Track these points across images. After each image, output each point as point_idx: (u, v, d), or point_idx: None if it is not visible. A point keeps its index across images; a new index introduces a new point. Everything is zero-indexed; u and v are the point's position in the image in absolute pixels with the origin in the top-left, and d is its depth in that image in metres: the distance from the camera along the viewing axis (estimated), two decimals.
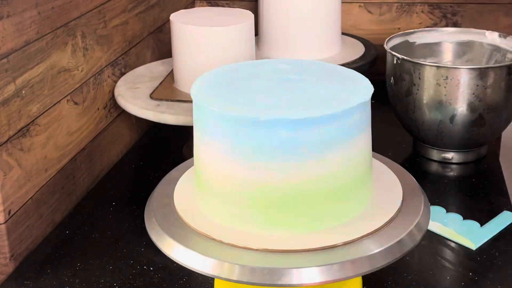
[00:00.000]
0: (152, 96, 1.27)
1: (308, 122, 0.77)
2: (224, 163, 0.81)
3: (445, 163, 1.32)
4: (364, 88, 0.84)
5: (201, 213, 0.85)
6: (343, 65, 1.30)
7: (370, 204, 0.86)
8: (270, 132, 0.77)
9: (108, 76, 1.32)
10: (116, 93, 1.30)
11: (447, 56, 1.41)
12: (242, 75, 0.89)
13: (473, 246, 1.04)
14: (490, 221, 1.10)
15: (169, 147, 1.41)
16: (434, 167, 1.32)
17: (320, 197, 0.80)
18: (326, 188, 0.80)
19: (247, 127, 0.78)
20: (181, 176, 0.94)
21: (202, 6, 1.81)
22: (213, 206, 0.84)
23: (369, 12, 1.72)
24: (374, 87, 0.86)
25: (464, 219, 1.11)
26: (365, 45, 1.60)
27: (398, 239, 0.80)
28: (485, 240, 1.05)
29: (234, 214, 0.82)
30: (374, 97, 0.86)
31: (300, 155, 0.78)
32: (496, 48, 1.36)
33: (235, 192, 0.81)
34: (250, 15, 1.28)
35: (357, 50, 1.57)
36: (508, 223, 1.10)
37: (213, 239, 0.80)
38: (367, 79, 0.87)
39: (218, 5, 1.80)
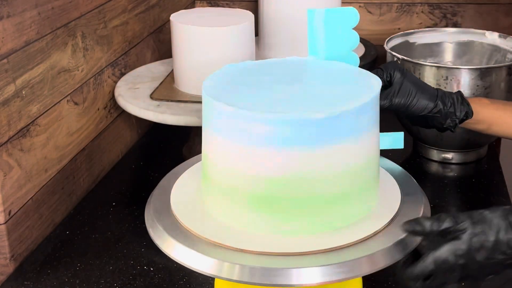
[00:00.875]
0: (152, 96, 1.27)
1: (317, 121, 0.77)
2: (230, 161, 0.81)
3: (445, 163, 1.32)
4: (371, 85, 0.84)
5: (201, 213, 0.85)
6: None
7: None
8: (277, 130, 0.77)
9: (108, 77, 1.32)
10: (116, 94, 1.30)
11: (447, 56, 1.41)
12: (251, 74, 0.89)
13: None
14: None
15: (169, 147, 1.41)
16: (434, 167, 1.32)
17: (325, 200, 0.80)
18: (331, 191, 0.80)
19: (253, 125, 0.77)
20: (181, 176, 0.94)
21: (202, 6, 1.81)
22: (219, 205, 0.84)
23: (369, 12, 1.72)
24: None
25: None
26: (365, 46, 1.60)
27: (398, 239, 0.80)
28: None
29: (237, 213, 0.82)
30: None
31: (307, 154, 0.78)
32: (496, 49, 1.36)
33: (240, 192, 0.81)
34: (250, 15, 1.28)
35: (357, 50, 1.57)
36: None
37: (213, 240, 0.80)
38: (376, 76, 0.87)
39: (218, 5, 1.80)
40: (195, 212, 0.86)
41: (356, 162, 0.81)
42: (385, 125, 1.40)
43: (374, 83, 0.85)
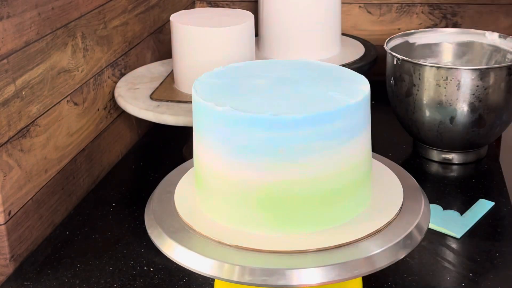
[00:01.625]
0: (152, 96, 1.27)
1: (307, 121, 0.77)
2: (222, 162, 0.81)
3: (445, 163, 1.32)
4: (362, 88, 0.84)
5: (201, 214, 0.85)
6: (343, 65, 1.30)
7: (370, 204, 0.86)
8: (268, 131, 0.77)
9: (108, 77, 1.32)
10: (116, 94, 1.30)
11: (447, 56, 1.41)
12: (242, 75, 0.89)
13: (456, 235, 1.07)
14: (469, 210, 1.14)
15: (169, 147, 1.41)
16: (434, 167, 1.32)
17: (319, 198, 0.80)
18: (325, 189, 0.80)
19: (245, 126, 0.78)
20: (181, 176, 0.94)
21: (202, 6, 1.81)
22: (213, 207, 0.84)
23: (369, 12, 1.72)
24: (374, 88, 0.86)
25: (444, 209, 1.15)
26: (365, 46, 1.60)
27: (398, 240, 0.80)
28: (467, 228, 1.09)
29: (233, 215, 0.82)
30: (374, 97, 0.86)
31: (299, 155, 0.78)
32: (496, 49, 1.36)
33: (234, 192, 0.81)
34: (250, 16, 1.28)
35: (357, 51, 1.57)
36: (487, 210, 1.14)
37: (213, 240, 0.80)
38: (366, 79, 0.87)
39: (218, 6, 1.80)
40: (195, 213, 0.86)
41: (347, 163, 0.81)
42: (385, 126, 1.41)
43: (363, 85, 0.85)
